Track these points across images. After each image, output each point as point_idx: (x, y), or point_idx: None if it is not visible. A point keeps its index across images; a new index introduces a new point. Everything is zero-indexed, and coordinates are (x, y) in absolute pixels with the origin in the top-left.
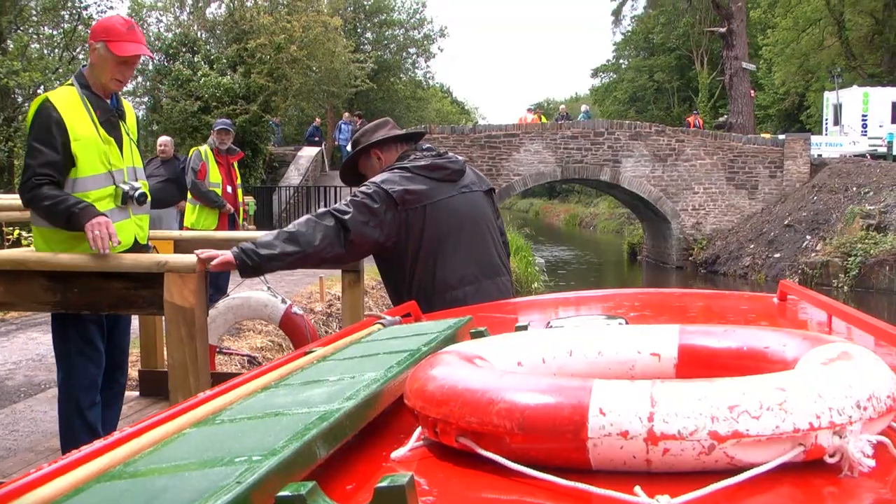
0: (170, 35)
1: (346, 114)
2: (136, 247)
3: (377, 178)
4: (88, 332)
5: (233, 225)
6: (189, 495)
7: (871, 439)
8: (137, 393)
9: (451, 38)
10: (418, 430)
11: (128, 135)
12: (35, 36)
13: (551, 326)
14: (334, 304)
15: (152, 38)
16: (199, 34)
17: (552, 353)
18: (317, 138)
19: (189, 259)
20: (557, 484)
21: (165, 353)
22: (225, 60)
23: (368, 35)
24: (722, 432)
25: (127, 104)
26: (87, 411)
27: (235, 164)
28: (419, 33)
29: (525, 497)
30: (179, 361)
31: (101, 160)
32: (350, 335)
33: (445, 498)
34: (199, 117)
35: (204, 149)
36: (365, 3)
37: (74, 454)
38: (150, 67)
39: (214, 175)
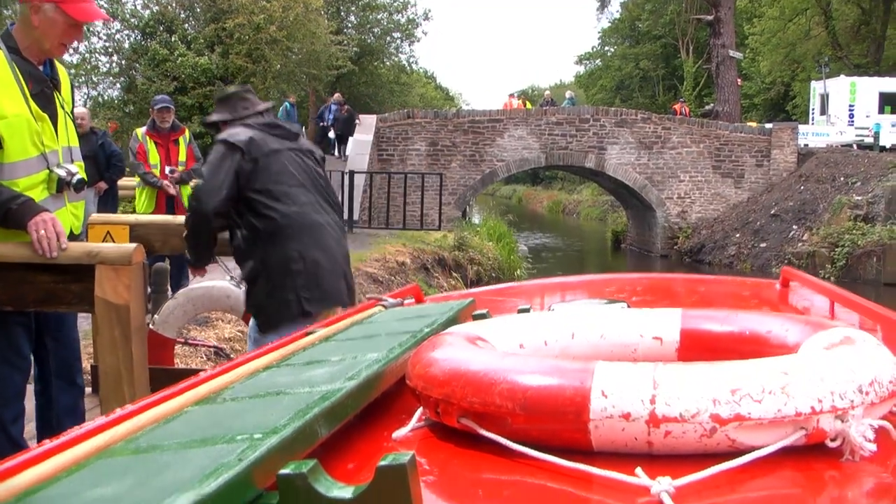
0: (146, 13)
1: (338, 94)
2: (71, 238)
3: (223, 135)
4: (14, 336)
5: (172, 207)
6: (191, 472)
7: (873, 424)
8: (90, 389)
9: (435, 22)
10: (419, 410)
11: (62, 108)
12: (14, 16)
13: (553, 309)
14: None
15: (128, 16)
16: (176, 12)
17: (554, 336)
18: (324, 122)
19: (124, 249)
20: (558, 465)
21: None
22: (203, 40)
23: (352, 18)
24: (724, 415)
25: (62, 69)
26: (10, 426)
27: (182, 141)
28: (403, 17)
29: (526, 477)
30: (111, 367)
31: (33, 141)
32: (352, 316)
33: (446, 477)
34: (175, 98)
35: (142, 131)
36: None
37: (76, 430)
38: (126, 46)
39: (153, 156)
